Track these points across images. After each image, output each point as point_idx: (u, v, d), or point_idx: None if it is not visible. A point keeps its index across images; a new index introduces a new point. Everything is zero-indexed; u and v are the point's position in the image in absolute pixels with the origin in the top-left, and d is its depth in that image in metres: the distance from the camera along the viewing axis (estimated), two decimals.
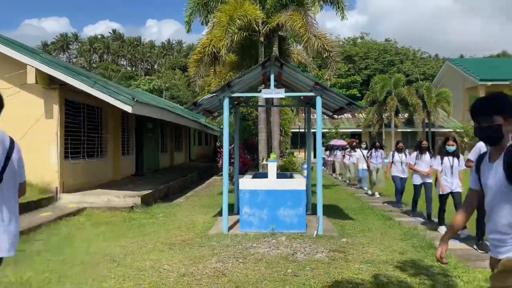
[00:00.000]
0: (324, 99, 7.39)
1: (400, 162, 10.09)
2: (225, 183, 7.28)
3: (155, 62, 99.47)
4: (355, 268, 5.07)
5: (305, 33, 10.72)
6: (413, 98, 32.89)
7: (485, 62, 43.10)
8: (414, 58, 57.10)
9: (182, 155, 24.58)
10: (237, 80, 7.18)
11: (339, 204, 10.83)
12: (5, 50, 9.64)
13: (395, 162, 10.18)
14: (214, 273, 4.88)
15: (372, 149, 12.70)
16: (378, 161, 12.45)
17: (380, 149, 12.63)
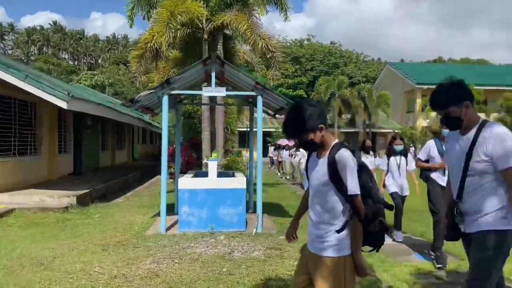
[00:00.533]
0: (265, 98, 7.47)
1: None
2: (163, 182, 7.15)
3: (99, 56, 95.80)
4: (290, 265, 5.16)
5: (251, 35, 10.77)
6: (355, 100, 34.15)
7: (422, 66, 45.58)
8: (357, 61, 59.26)
9: (125, 153, 23.85)
10: (177, 77, 7.07)
11: (281, 202, 10.99)
12: None
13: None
14: (147, 274, 4.77)
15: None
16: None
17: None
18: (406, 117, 39.65)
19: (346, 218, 2.50)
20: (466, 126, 2.69)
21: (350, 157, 2.44)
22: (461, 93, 2.68)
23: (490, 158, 2.55)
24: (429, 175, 5.45)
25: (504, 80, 38.78)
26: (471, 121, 2.68)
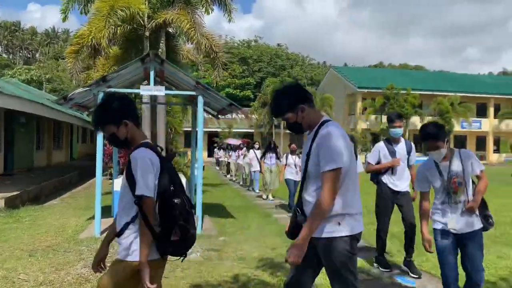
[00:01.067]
0: (206, 98, 7.41)
1: (293, 165, 9.76)
2: (98, 183, 6.87)
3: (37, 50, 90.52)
4: (227, 267, 5.16)
5: (194, 34, 10.65)
6: None
7: (363, 71, 47.48)
8: (303, 64, 60.60)
9: (63, 153, 22.72)
10: (115, 74, 6.84)
11: (224, 202, 10.98)
12: None
13: (289, 164, 9.89)
14: (77, 280, 4.56)
15: (266, 150, 12.12)
16: (272, 162, 11.74)
17: (274, 149, 12.01)
18: (348, 119, 41.11)
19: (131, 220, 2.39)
20: (307, 128, 2.61)
21: (144, 157, 2.32)
22: (294, 98, 2.57)
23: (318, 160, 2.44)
24: (380, 178, 5.30)
25: (438, 86, 41.32)
26: (311, 122, 2.58)
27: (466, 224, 3.39)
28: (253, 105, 38.69)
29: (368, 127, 38.02)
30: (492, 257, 5.61)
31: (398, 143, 5.26)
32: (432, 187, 3.59)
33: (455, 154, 3.52)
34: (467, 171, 3.42)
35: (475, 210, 3.39)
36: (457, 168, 3.45)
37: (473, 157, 3.55)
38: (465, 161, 3.45)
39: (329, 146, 2.38)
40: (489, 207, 3.58)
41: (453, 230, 3.41)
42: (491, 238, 6.82)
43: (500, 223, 8.14)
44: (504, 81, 47.98)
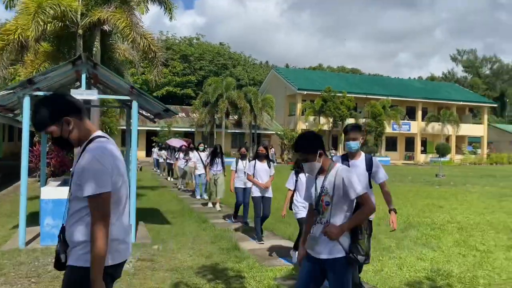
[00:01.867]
0: (141, 103, 7.26)
1: (243, 172, 8.42)
2: (23, 190, 6.48)
3: None
4: (159, 277, 5.10)
5: (130, 33, 10.35)
6: (242, 102, 35.09)
7: (303, 73, 48.77)
8: (245, 64, 60.94)
9: None
10: (42, 77, 6.49)
11: (161, 207, 10.80)
12: None
13: (238, 171, 8.62)
14: None
15: (213, 155, 10.77)
16: (218, 169, 10.63)
17: (221, 155, 10.80)
18: (288, 119, 42.03)
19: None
20: (77, 143, 2.33)
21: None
22: (57, 110, 2.25)
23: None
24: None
25: (372, 89, 43.46)
26: (81, 136, 2.30)
27: (325, 248, 2.98)
28: (194, 104, 38.32)
29: (308, 127, 39.13)
30: (412, 259, 6.04)
31: (356, 158, 4.41)
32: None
33: (333, 169, 3.07)
34: (338, 191, 2.98)
35: (333, 237, 2.90)
36: (329, 186, 3.03)
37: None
38: (339, 179, 2.99)
39: (90, 169, 2.16)
40: (365, 241, 3.03)
41: (310, 251, 3.10)
42: (412, 240, 7.34)
43: (422, 224, 8.78)
44: (431, 86, 51.52)
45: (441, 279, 5.18)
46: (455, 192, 14.85)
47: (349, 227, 2.96)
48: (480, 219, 9.44)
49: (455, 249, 6.71)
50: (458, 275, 5.31)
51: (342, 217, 2.99)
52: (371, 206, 3.00)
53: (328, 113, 37.47)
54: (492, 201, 12.42)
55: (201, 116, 36.31)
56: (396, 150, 44.72)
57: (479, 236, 7.64)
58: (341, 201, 2.99)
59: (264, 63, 76.69)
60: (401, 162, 41.67)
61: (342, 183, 2.96)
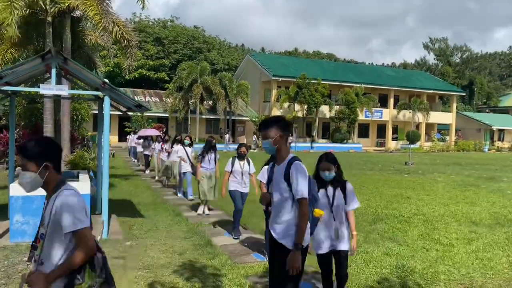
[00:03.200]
0: (114, 97, 7.16)
1: (240, 173, 7.42)
2: None
3: None
4: (132, 277, 5.14)
5: (101, 21, 10.11)
6: (217, 87, 34.89)
7: (278, 59, 48.73)
8: (220, 48, 60.31)
9: None
10: (10, 71, 6.30)
11: (134, 198, 10.76)
12: None
13: (234, 172, 7.42)
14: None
15: (205, 150, 9.12)
16: (211, 167, 9.01)
17: (214, 149, 9.24)
18: (263, 106, 42.09)
19: None
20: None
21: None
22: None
23: None
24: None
25: (345, 77, 43.93)
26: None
27: None
28: (168, 88, 37.82)
29: (282, 114, 39.35)
30: (378, 254, 6.28)
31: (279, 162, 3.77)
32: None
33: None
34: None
35: None
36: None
37: None
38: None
39: None
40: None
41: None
42: (380, 233, 7.61)
43: (390, 216, 9.09)
44: (403, 74, 52.51)
45: (405, 275, 5.43)
46: (423, 181, 15.37)
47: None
48: (445, 210, 9.85)
49: (419, 242, 7.01)
50: (421, 271, 5.58)
51: None
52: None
53: (302, 100, 37.74)
54: (457, 191, 12.94)
55: (175, 101, 35.91)
56: (368, 137, 45.64)
57: (443, 229, 8.00)
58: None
59: (239, 46, 76.16)
60: (372, 148, 42.60)
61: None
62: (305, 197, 3.16)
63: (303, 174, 3.20)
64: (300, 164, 3.25)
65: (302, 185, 3.16)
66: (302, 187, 3.16)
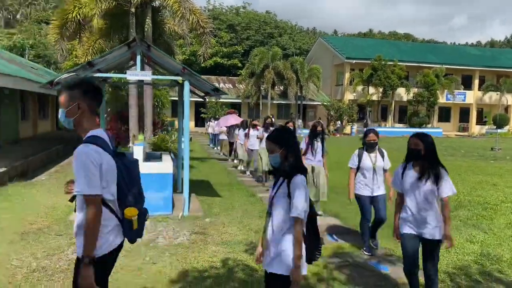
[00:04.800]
0: (192, 83, 7.50)
1: (371, 169, 5.50)
2: None
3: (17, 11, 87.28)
4: (212, 251, 5.44)
5: (179, 8, 10.56)
6: (288, 72, 34.78)
7: (352, 41, 47.22)
8: (292, 32, 59.83)
9: (48, 122, 22.60)
10: (101, 59, 6.86)
11: (210, 179, 11.22)
12: None
13: (364, 169, 5.53)
14: (68, 266, 4.79)
15: (312, 136, 7.30)
16: (317, 159, 7.27)
17: (321, 137, 7.35)
18: (335, 89, 41.24)
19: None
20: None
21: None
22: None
23: None
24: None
25: (424, 57, 41.45)
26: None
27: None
28: (241, 74, 38.44)
29: (355, 98, 38.30)
30: (461, 241, 6.00)
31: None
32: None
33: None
34: None
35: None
36: None
37: None
38: None
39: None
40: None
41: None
42: (462, 220, 7.24)
43: (473, 203, 8.58)
44: (490, 53, 48.28)
45: (491, 263, 5.15)
46: (511, 168, 14.22)
47: None
48: None
49: (507, 231, 6.57)
50: (509, 260, 5.25)
51: None
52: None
53: (377, 83, 36.39)
54: None
55: (247, 87, 36.44)
56: (449, 121, 42.87)
57: None
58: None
59: (311, 30, 75.02)
60: (454, 133, 40.01)
61: None
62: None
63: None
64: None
65: None
66: None
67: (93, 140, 2.40)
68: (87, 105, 2.47)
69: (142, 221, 2.62)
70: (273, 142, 2.85)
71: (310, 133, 7.38)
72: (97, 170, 2.34)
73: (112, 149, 2.51)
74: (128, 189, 2.54)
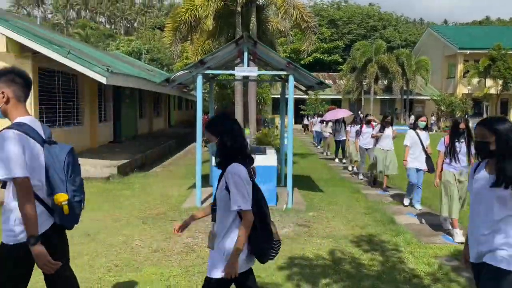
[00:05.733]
0: (297, 77, 7.55)
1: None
2: (198, 161, 7.47)
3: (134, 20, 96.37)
4: (317, 243, 5.42)
5: (283, 4, 10.70)
6: (393, 66, 33.16)
7: (465, 30, 43.34)
8: (397, 24, 56.88)
9: (162, 120, 24.54)
10: (210, 57, 7.24)
11: (312, 174, 11.19)
12: None
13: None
14: (184, 249, 5.16)
15: (455, 137, 5.69)
16: (462, 164, 5.78)
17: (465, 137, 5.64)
18: (446, 83, 38.22)
19: None
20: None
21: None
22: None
23: None
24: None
25: None
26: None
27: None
28: (342, 69, 37.70)
29: (470, 92, 35.08)
30: None
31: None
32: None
33: None
34: None
35: None
36: None
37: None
38: None
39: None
40: None
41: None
42: None
43: None
44: None
45: None
46: None
47: None
48: None
49: None
50: None
51: None
52: None
53: (496, 75, 32.85)
54: None
55: (348, 82, 35.60)
56: None
57: None
58: None
59: (418, 21, 70.58)
60: None
61: None
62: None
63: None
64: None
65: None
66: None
67: (16, 127, 2.39)
68: (13, 93, 2.46)
69: (76, 207, 2.57)
70: (208, 130, 2.63)
71: (451, 132, 5.79)
72: (17, 152, 2.31)
73: (43, 137, 2.51)
74: (58, 176, 2.48)
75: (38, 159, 2.43)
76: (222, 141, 2.55)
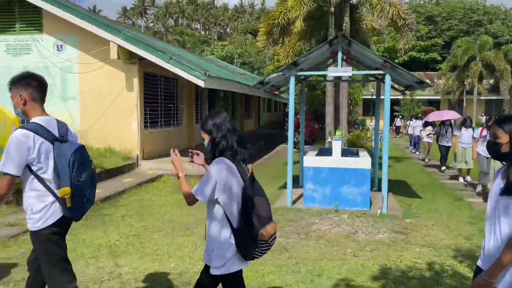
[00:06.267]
0: (394, 76, 7.23)
1: None
2: (290, 162, 7.52)
3: (227, 25, 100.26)
4: (415, 252, 5.14)
5: (378, 3, 10.34)
6: (501, 63, 30.18)
7: None
8: (506, 17, 51.64)
9: (252, 121, 25.15)
10: (303, 59, 7.25)
11: (408, 179, 10.62)
12: (91, 29, 10.43)
13: None
14: (277, 248, 5.22)
15: None
16: None
17: None
18: None
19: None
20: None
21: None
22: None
23: None
24: None
25: None
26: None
27: None
28: (441, 68, 35.26)
29: None
30: None
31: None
32: None
33: None
34: None
35: None
36: None
37: None
38: None
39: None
40: None
41: None
42: None
43: None
44: None
45: None
46: None
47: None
48: None
49: None
50: None
51: None
52: None
53: None
54: None
55: (448, 82, 33.13)
56: None
57: None
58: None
59: None
60: None
61: None
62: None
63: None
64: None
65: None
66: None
67: (28, 126, 2.68)
68: (29, 95, 2.73)
69: (80, 201, 2.77)
70: (202, 129, 2.76)
71: None
72: (19, 152, 2.60)
73: (55, 136, 2.74)
74: (64, 172, 2.68)
75: (47, 155, 2.71)
76: (212, 138, 2.70)
